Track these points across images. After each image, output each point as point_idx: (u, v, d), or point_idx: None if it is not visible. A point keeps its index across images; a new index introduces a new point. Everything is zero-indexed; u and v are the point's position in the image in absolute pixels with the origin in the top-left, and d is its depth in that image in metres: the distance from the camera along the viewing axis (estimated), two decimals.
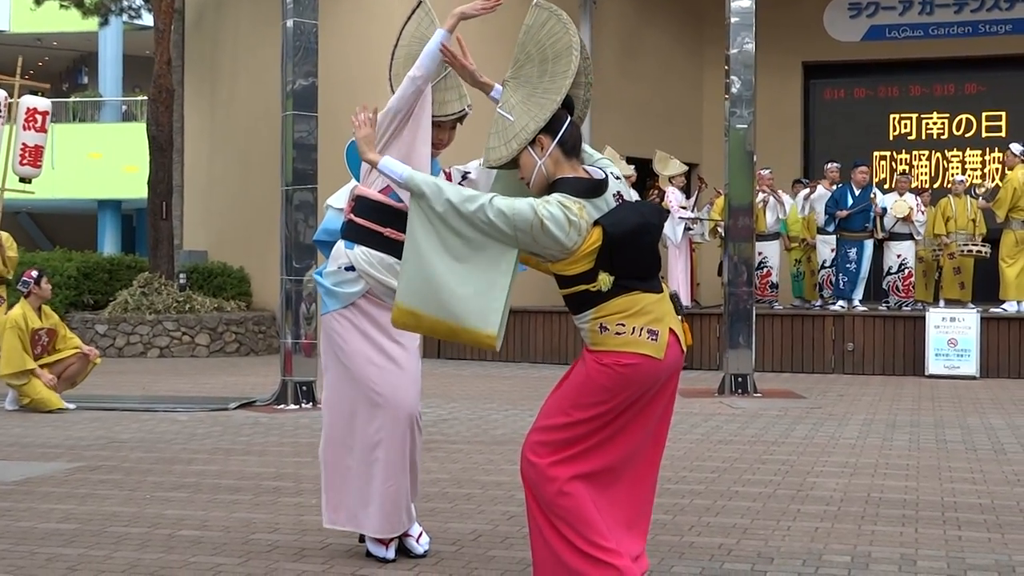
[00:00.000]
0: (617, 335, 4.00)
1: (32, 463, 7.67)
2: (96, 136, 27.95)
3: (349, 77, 16.02)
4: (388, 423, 4.84)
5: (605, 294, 4.00)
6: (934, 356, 13.94)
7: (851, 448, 8.24)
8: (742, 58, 11.85)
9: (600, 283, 4.00)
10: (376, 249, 4.91)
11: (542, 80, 4.19)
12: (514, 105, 4.20)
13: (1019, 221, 14.99)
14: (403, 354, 4.97)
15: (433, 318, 4.03)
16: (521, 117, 4.16)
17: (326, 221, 5.30)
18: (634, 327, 4.00)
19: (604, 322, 4.01)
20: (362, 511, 4.90)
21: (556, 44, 4.19)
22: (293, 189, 10.90)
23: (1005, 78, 19.95)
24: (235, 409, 10.64)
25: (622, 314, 4.01)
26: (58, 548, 5.27)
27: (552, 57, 4.19)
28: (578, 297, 4.05)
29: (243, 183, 19.10)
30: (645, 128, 19.08)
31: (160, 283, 17.86)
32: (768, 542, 5.32)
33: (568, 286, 4.06)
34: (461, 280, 3.99)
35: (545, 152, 4.11)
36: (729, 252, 12.08)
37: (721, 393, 11.76)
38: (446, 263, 4.00)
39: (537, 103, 4.16)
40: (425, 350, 16.00)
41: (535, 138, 4.12)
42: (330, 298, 4.99)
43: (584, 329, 4.07)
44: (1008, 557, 5.05)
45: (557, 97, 4.13)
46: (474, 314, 3.99)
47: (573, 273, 4.01)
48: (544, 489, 4.01)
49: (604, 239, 3.98)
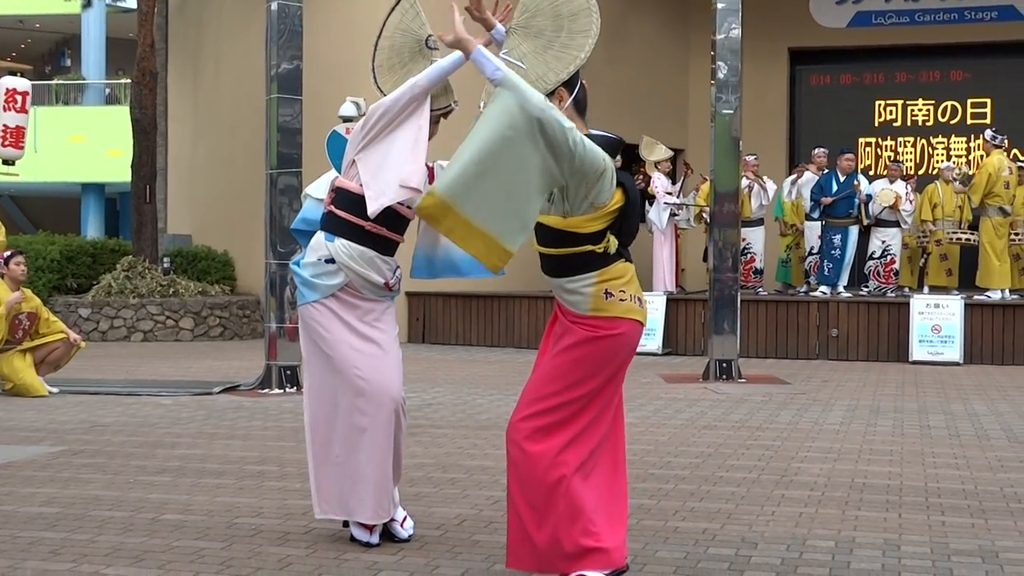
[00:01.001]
0: (621, 301, 4.03)
1: (14, 447, 7.64)
2: (79, 119, 27.80)
3: (334, 61, 15.96)
4: (373, 409, 4.82)
5: (608, 257, 4.02)
6: (918, 342, 13.97)
7: (835, 434, 8.25)
8: (728, 44, 11.84)
9: (608, 244, 4.01)
10: (357, 243, 4.87)
11: (558, 35, 4.13)
12: (525, 53, 4.13)
13: (995, 208, 15.02)
14: (385, 339, 4.96)
15: (463, 217, 3.81)
16: (536, 66, 4.09)
17: (304, 210, 5.26)
18: (631, 294, 4.07)
19: (609, 287, 4.02)
20: (352, 499, 4.88)
21: (572, 2, 4.16)
22: (277, 173, 10.85)
23: (990, 65, 19.98)
24: (219, 393, 10.62)
25: (621, 279, 4.05)
26: (40, 532, 5.24)
27: (568, 14, 4.14)
28: (582, 258, 4.02)
29: (227, 167, 19.03)
30: (630, 113, 19.05)
31: (144, 267, 17.80)
32: (752, 527, 5.33)
33: (575, 244, 4.02)
34: (511, 189, 3.82)
35: (563, 105, 4.07)
36: (714, 238, 12.08)
37: (706, 379, 11.78)
38: (508, 167, 3.80)
39: (556, 56, 4.10)
40: (409, 335, 16.03)
41: (555, 90, 4.08)
42: (308, 289, 4.94)
43: (584, 294, 4.03)
44: (991, 543, 5.06)
45: (581, 54, 4.09)
46: (506, 226, 3.84)
47: (588, 231, 3.99)
48: (546, 476, 3.98)
49: (625, 200, 4.01)
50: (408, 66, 4.98)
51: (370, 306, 4.96)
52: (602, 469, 4.13)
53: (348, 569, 4.61)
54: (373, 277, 4.89)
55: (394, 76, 4.96)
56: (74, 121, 27.73)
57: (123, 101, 26.33)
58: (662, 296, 15.24)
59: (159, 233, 19.30)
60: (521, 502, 4.04)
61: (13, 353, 10.39)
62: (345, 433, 4.87)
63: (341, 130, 4.88)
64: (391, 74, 5.05)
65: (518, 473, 4.04)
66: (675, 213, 16.17)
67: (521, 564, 4.12)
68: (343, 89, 16.11)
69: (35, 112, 26.77)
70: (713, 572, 4.55)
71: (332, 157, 5.41)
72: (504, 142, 3.78)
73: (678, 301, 15.39)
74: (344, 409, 4.86)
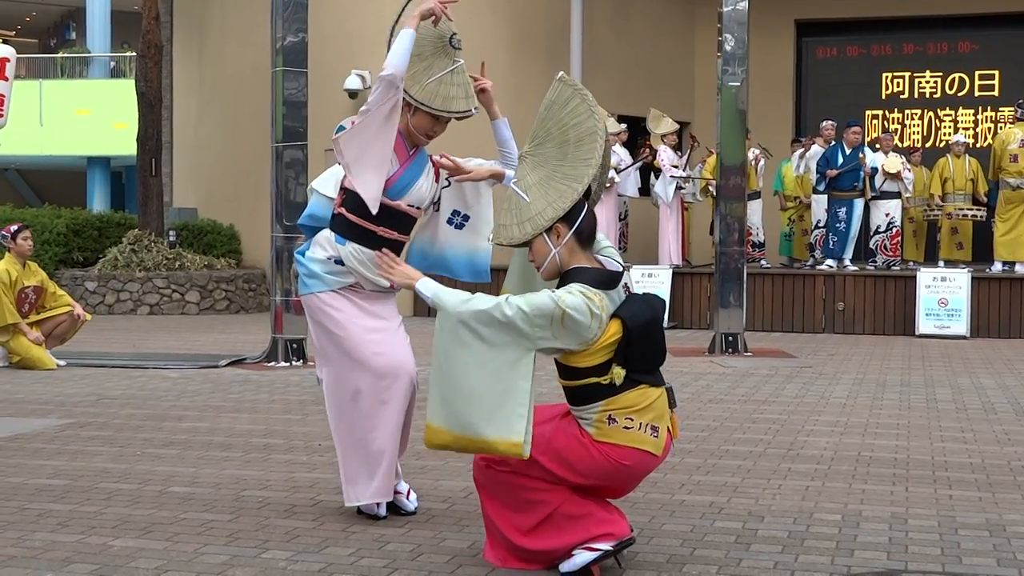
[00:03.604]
0: (625, 429, 3.95)
1: (22, 419, 7.66)
2: (84, 92, 27.70)
3: (340, 33, 15.91)
4: (392, 385, 4.81)
5: (616, 388, 3.93)
6: (924, 316, 13.96)
7: (841, 407, 8.25)
8: (735, 16, 11.78)
9: (613, 376, 3.92)
10: (368, 247, 4.84)
11: (562, 164, 4.02)
12: (531, 185, 4.04)
13: (1004, 181, 14.92)
14: (392, 325, 4.98)
15: (462, 435, 3.89)
16: (538, 200, 4.01)
17: (312, 206, 5.17)
18: (641, 423, 3.97)
19: (613, 414, 3.95)
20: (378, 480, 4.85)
21: (579, 127, 4.04)
22: (283, 146, 10.83)
23: (998, 37, 19.83)
24: (225, 366, 10.63)
25: (631, 408, 3.95)
26: (48, 504, 5.26)
27: (574, 140, 4.03)
28: (587, 390, 3.96)
29: (233, 140, 19.01)
30: (636, 87, 18.99)
31: (150, 240, 17.80)
32: (759, 500, 5.33)
33: (578, 378, 3.95)
34: (484, 388, 3.84)
35: (561, 241, 4.00)
36: (721, 211, 12.07)
37: (712, 352, 11.78)
38: (468, 371, 3.85)
39: (556, 189, 4.00)
40: (415, 309, 16.02)
41: (552, 225, 4.00)
42: (316, 280, 4.92)
43: (588, 420, 3.97)
44: (999, 516, 5.06)
45: (579, 186, 3.98)
46: (500, 424, 3.83)
47: (587, 365, 3.92)
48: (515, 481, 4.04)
49: (623, 332, 3.91)
50: (428, 60, 4.81)
51: (374, 296, 4.97)
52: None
53: (355, 541, 4.62)
54: (380, 281, 4.86)
55: (412, 67, 4.78)
56: (79, 94, 27.64)
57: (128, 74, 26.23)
58: (668, 270, 15.23)
59: (165, 206, 19.30)
60: (501, 514, 4.14)
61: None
62: (367, 417, 4.83)
63: (347, 124, 4.82)
64: (408, 63, 4.94)
65: (489, 485, 4.13)
66: (681, 186, 16.13)
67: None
68: (349, 62, 16.10)
69: (40, 85, 26.87)
70: (720, 545, 4.55)
71: None
72: (452, 354, 3.89)
73: (684, 275, 15.37)
74: (367, 391, 4.83)
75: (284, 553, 4.46)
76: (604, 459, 3.95)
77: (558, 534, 4.04)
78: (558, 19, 17.34)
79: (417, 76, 4.81)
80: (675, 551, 4.47)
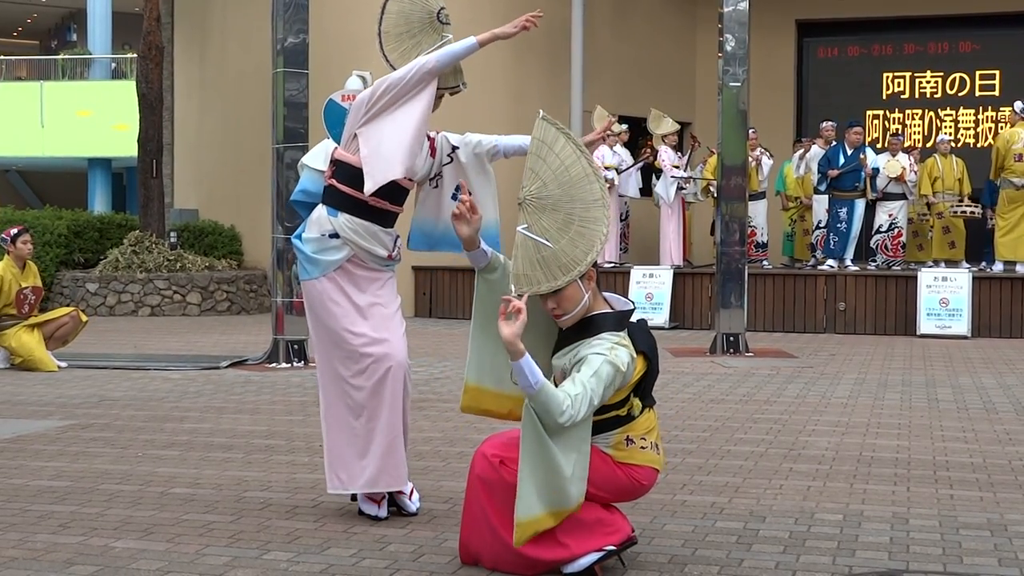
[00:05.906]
0: (642, 449, 4.08)
1: (24, 421, 7.66)
2: (85, 94, 27.72)
3: (340, 34, 15.91)
4: (384, 373, 4.83)
5: (632, 416, 4.07)
6: (926, 315, 13.95)
7: (843, 407, 8.25)
8: (736, 16, 11.78)
9: (632, 407, 4.04)
10: (360, 217, 4.85)
11: (573, 205, 4.00)
12: (547, 229, 3.98)
13: (1007, 180, 14.90)
14: (388, 307, 4.99)
15: (560, 511, 3.91)
16: (568, 247, 3.96)
17: (303, 181, 5.19)
18: (652, 442, 4.13)
19: (631, 435, 4.06)
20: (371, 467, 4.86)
21: (571, 169, 4.03)
22: (284, 147, 10.83)
23: (999, 37, 19.84)
24: (227, 367, 10.63)
25: (645, 430, 4.10)
26: (50, 505, 5.26)
27: (572, 181, 4.02)
28: (608, 422, 4.04)
29: (234, 141, 19.00)
30: (637, 87, 18.99)
31: (151, 241, 17.79)
32: (760, 501, 5.33)
33: (600, 414, 3.99)
34: (574, 461, 3.89)
35: (591, 284, 4.03)
36: (722, 211, 12.07)
37: (713, 352, 11.77)
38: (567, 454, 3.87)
39: (580, 233, 3.98)
40: (416, 309, 16.03)
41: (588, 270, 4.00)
42: (311, 265, 4.92)
43: (607, 443, 4.05)
44: (1000, 516, 5.06)
45: (602, 228, 4.00)
46: (579, 485, 3.91)
47: (612, 403, 3.99)
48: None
49: (647, 367, 4.04)
50: (417, 37, 4.90)
51: (373, 275, 4.97)
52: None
53: (356, 542, 4.62)
54: (377, 250, 4.89)
55: (401, 45, 4.87)
56: (80, 96, 27.66)
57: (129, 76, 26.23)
58: (669, 270, 15.23)
59: (166, 208, 19.30)
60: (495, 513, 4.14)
61: (21, 328, 10.43)
62: (359, 403, 4.86)
63: (337, 98, 4.83)
64: (398, 42, 4.97)
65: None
66: (682, 187, 16.13)
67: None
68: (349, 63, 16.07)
69: (41, 87, 26.90)
70: (721, 545, 4.55)
71: (329, 126, 5.35)
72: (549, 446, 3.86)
73: (685, 275, 15.37)
74: (357, 380, 4.85)
75: (286, 554, 4.46)
76: (628, 479, 4.06)
77: (565, 542, 4.01)
78: (558, 19, 17.34)
79: (407, 54, 4.87)
80: (677, 551, 4.47)
